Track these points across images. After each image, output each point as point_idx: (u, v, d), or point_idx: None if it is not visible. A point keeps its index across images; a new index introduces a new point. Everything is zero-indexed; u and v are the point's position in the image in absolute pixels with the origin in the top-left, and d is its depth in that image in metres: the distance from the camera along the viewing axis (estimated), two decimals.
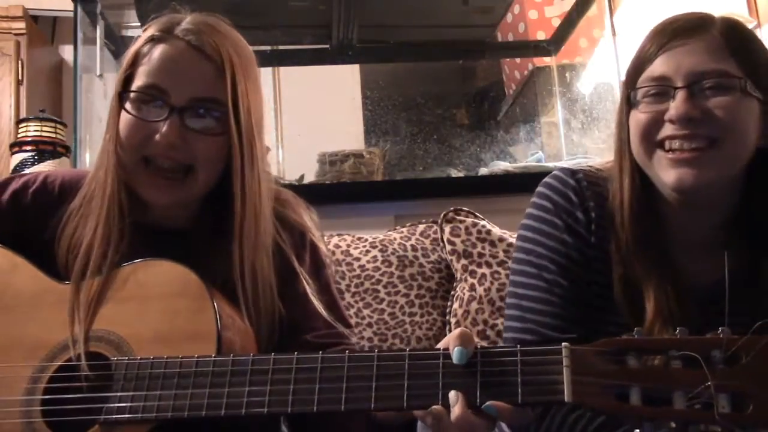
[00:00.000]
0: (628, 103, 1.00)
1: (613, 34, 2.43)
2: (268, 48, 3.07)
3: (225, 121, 1.00)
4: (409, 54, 3.21)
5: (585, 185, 1.04)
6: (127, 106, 1.01)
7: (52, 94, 3.29)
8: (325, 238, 1.68)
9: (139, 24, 2.68)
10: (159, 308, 0.94)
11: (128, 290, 0.96)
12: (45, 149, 2.36)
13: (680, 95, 0.94)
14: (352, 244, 1.75)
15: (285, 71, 3.47)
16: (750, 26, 2.11)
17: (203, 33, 1.01)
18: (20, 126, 2.44)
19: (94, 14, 2.60)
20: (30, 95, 3.04)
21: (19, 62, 3.04)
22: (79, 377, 0.91)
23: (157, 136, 0.98)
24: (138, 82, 1.01)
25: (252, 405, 0.81)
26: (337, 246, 1.74)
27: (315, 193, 2.43)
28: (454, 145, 3.38)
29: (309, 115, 3.35)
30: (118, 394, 0.87)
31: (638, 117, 0.98)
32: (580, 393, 0.69)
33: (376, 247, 1.74)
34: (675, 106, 0.94)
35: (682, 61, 0.95)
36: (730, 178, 0.97)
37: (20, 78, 3.03)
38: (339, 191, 2.39)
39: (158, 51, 1.00)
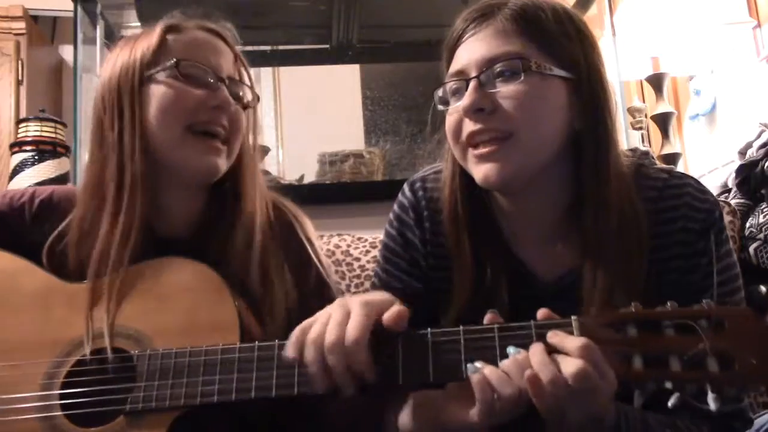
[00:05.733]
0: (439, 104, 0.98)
1: (613, 34, 2.43)
2: (268, 48, 3.07)
3: (242, 98, 1.08)
4: (409, 54, 3.20)
5: (421, 195, 1.05)
6: (167, 79, 1.02)
7: (52, 94, 3.29)
8: (325, 238, 1.69)
9: (139, 24, 2.69)
10: (178, 303, 0.95)
11: (146, 287, 0.97)
12: (45, 149, 2.37)
13: (470, 86, 0.91)
14: (352, 244, 1.75)
15: (285, 71, 3.47)
16: (750, 26, 2.11)
17: (213, 24, 1.09)
18: (20, 126, 2.44)
19: (94, 14, 2.60)
20: (30, 95, 3.04)
21: (19, 62, 3.04)
22: (98, 371, 0.92)
23: (212, 100, 1.02)
24: (177, 60, 1.02)
25: (281, 387, 0.84)
26: (337, 246, 1.74)
27: (315, 193, 2.45)
28: None
29: (309, 115, 3.35)
30: (143, 384, 0.88)
31: (447, 118, 0.96)
32: None
33: (376, 247, 1.74)
34: (464, 98, 0.91)
35: (474, 50, 0.92)
36: (542, 166, 0.92)
37: (20, 78, 3.03)
38: (339, 191, 2.39)
39: (188, 36, 1.06)
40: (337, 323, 0.80)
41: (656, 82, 2.33)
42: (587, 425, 0.75)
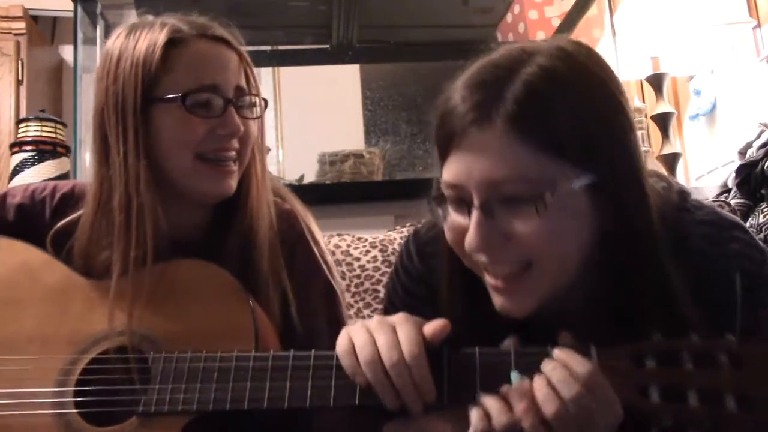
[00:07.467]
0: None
1: (613, 34, 2.43)
2: (268, 48, 3.07)
3: (252, 107, 1.06)
4: (409, 54, 3.20)
5: (429, 252, 0.96)
6: (173, 109, 0.98)
7: (52, 94, 3.30)
8: (325, 238, 1.69)
9: None
10: (195, 306, 0.95)
11: (164, 289, 0.96)
12: (45, 149, 2.36)
13: (474, 219, 0.77)
14: (352, 244, 1.75)
15: (285, 71, 3.48)
16: (750, 26, 2.11)
17: (217, 28, 1.04)
18: (20, 126, 2.44)
19: (94, 14, 2.60)
20: (30, 95, 3.05)
21: (19, 62, 3.05)
22: (113, 370, 0.91)
23: (221, 129, 0.99)
24: (183, 86, 0.98)
25: (294, 399, 0.83)
26: (337, 246, 1.74)
27: (315, 193, 2.44)
28: None
29: (309, 115, 3.36)
30: (156, 386, 0.88)
31: (447, 232, 0.83)
32: None
33: (376, 247, 1.74)
34: (469, 234, 0.78)
35: (473, 165, 0.77)
36: (566, 283, 0.81)
37: (20, 78, 3.04)
38: (339, 191, 2.39)
39: (192, 50, 1.00)
40: (390, 341, 0.78)
41: (656, 82, 2.33)
42: None
